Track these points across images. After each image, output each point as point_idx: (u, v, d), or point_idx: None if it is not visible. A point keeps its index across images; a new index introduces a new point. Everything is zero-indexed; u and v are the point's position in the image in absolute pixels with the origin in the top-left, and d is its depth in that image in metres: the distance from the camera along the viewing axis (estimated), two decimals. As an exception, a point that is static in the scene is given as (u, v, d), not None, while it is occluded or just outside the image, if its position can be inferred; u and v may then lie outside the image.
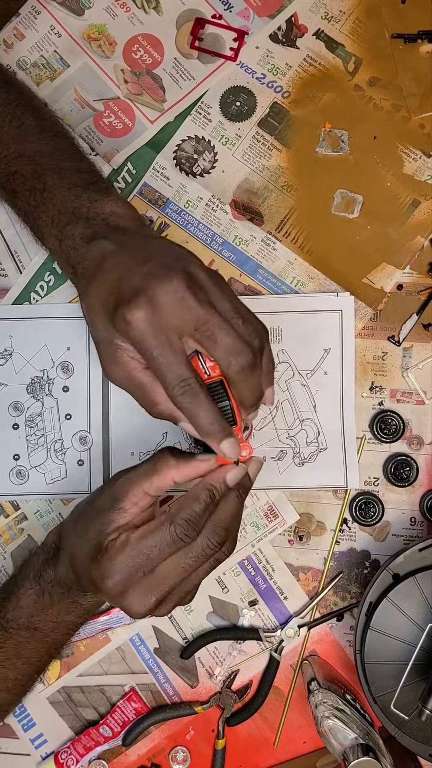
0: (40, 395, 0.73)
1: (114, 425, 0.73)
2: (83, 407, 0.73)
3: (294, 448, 0.73)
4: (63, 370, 0.73)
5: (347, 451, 0.72)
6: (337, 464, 0.72)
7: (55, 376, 0.73)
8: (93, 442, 0.73)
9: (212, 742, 0.73)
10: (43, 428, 0.73)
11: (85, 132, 0.76)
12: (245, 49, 0.76)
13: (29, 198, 0.62)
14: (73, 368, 0.73)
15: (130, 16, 0.77)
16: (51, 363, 0.74)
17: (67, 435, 0.73)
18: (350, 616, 0.73)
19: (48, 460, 0.73)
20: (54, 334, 0.73)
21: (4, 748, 0.73)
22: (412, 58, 0.75)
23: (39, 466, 0.73)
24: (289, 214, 0.75)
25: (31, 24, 0.77)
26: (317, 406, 0.73)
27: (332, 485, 0.72)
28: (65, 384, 0.73)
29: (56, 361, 0.73)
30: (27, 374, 0.74)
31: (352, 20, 0.76)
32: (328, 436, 0.73)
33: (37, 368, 0.74)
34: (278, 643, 0.72)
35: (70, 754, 0.72)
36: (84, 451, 0.73)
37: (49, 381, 0.73)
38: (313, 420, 0.73)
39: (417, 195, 0.75)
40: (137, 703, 0.73)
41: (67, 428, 0.73)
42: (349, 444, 0.72)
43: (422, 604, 0.64)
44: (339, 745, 0.63)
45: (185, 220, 0.75)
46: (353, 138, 0.75)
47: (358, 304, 0.74)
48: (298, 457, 0.73)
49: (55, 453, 0.73)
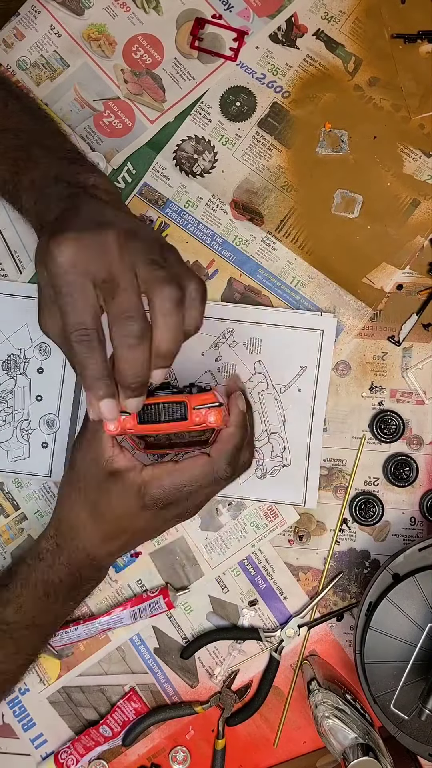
0: (15, 373, 0.74)
1: (83, 412, 0.73)
2: (55, 391, 0.74)
3: (258, 460, 0.73)
4: (40, 351, 0.74)
5: (310, 470, 0.72)
6: (298, 482, 0.72)
7: (32, 356, 0.74)
8: (60, 426, 0.73)
9: (212, 742, 0.73)
10: (12, 406, 0.74)
11: (85, 132, 0.76)
12: (245, 49, 0.76)
13: (12, 166, 0.62)
14: (50, 350, 0.74)
15: (130, 15, 0.77)
16: (29, 342, 0.74)
17: (35, 416, 0.74)
18: (350, 616, 0.73)
19: (13, 438, 0.74)
20: (35, 314, 0.73)
21: (3, 747, 0.73)
22: (412, 58, 0.75)
23: (3, 443, 0.74)
24: (289, 214, 0.75)
25: (30, 24, 0.77)
26: (286, 422, 0.73)
27: (290, 502, 0.72)
28: (40, 365, 0.74)
29: (34, 342, 0.74)
30: (4, 351, 0.74)
31: (351, 20, 0.76)
32: (294, 452, 0.73)
33: (15, 346, 0.74)
34: (278, 643, 0.72)
35: (70, 754, 0.72)
36: (50, 434, 0.73)
37: (25, 360, 0.74)
38: (280, 434, 0.73)
39: (417, 195, 0.75)
40: (137, 703, 0.73)
41: (36, 409, 0.74)
42: (313, 463, 0.72)
43: (422, 604, 0.64)
44: (339, 745, 0.63)
45: (185, 220, 0.75)
46: (353, 138, 0.75)
47: (358, 304, 0.74)
48: (261, 469, 0.73)
49: (21, 432, 0.74)
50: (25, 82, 0.76)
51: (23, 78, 0.76)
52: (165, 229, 0.75)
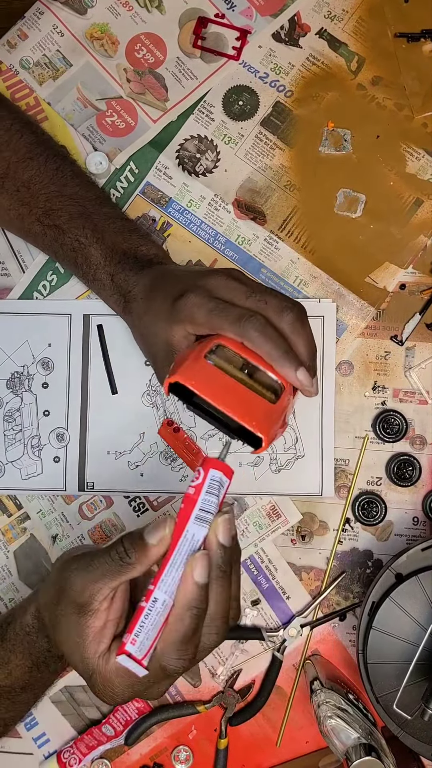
0: (20, 391, 0.74)
1: (92, 424, 0.73)
2: (62, 404, 0.73)
3: (271, 455, 0.72)
4: (43, 367, 0.74)
5: (324, 460, 0.72)
6: (314, 472, 0.72)
7: (35, 371, 0.74)
8: (70, 439, 0.73)
9: (215, 741, 0.73)
10: (20, 424, 0.74)
11: (88, 131, 0.76)
12: (248, 48, 0.76)
13: (80, 235, 0.67)
14: (53, 365, 0.74)
15: (132, 15, 0.77)
16: (32, 359, 0.74)
17: (44, 431, 0.73)
18: (353, 616, 0.73)
19: (24, 456, 0.73)
20: (35, 330, 0.74)
21: (6, 747, 0.73)
22: (415, 57, 0.75)
23: (15, 461, 0.73)
24: (292, 213, 0.75)
25: (34, 23, 0.77)
26: (296, 413, 0.73)
27: (307, 493, 0.72)
28: (45, 380, 0.74)
29: (37, 357, 0.74)
30: (7, 369, 0.74)
31: (355, 19, 0.76)
32: (306, 443, 0.72)
33: (17, 363, 0.74)
34: (281, 643, 0.72)
35: (72, 753, 0.72)
36: (60, 448, 0.73)
37: (29, 377, 0.74)
38: (291, 426, 0.72)
39: (420, 194, 0.74)
40: (140, 703, 0.73)
41: (44, 424, 0.73)
42: (327, 452, 0.72)
43: (425, 604, 0.64)
44: (341, 745, 0.63)
45: (188, 220, 0.75)
46: (356, 137, 0.75)
47: (361, 304, 0.74)
48: (275, 463, 0.72)
49: (31, 449, 0.73)
50: (28, 82, 0.76)
51: (26, 78, 0.76)
52: (168, 229, 0.75)
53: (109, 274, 0.67)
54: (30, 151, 0.69)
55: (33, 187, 0.68)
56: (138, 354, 0.70)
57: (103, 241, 0.67)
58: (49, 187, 0.68)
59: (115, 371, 0.73)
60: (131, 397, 0.73)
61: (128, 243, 0.67)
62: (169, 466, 0.73)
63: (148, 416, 0.73)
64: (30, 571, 0.74)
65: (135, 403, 0.73)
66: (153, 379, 0.73)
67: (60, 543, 0.74)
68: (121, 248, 0.67)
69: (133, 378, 0.73)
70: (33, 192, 0.68)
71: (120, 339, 0.73)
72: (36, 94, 0.76)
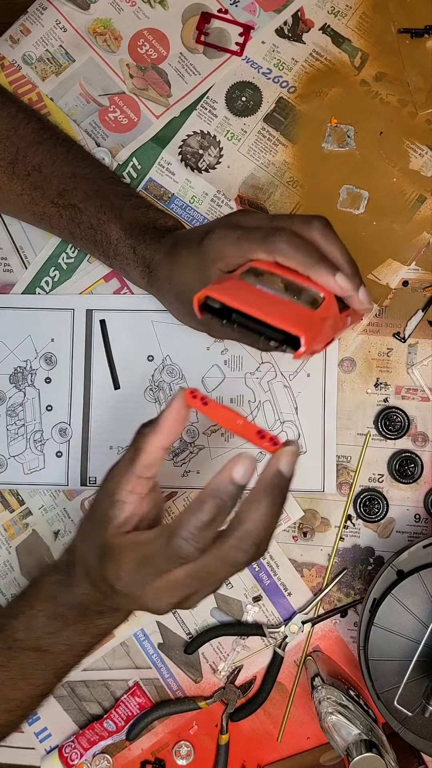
0: (23, 385, 0.74)
1: (94, 418, 0.73)
2: (64, 399, 0.74)
3: None
4: (46, 361, 0.74)
5: (326, 457, 0.72)
6: (316, 468, 0.72)
7: (38, 366, 0.74)
8: (72, 434, 0.73)
9: (216, 737, 0.73)
10: (23, 418, 0.74)
11: (91, 127, 0.76)
12: (251, 43, 0.76)
13: (98, 213, 0.67)
14: (56, 360, 0.74)
15: (135, 10, 0.77)
16: (34, 354, 0.74)
17: (47, 426, 0.74)
18: (354, 613, 0.73)
19: (27, 451, 0.73)
20: (38, 325, 0.74)
21: (8, 741, 0.73)
22: (418, 53, 0.75)
23: (18, 455, 0.74)
24: (295, 209, 0.75)
25: (36, 19, 0.77)
26: (299, 408, 0.73)
27: (309, 490, 0.72)
28: (48, 375, 0.74)
29: (39, 352, 0.74)
30: (10, 364, 0.74)
31: (358, 15, 0.75)
32: (309, 439, 0.72)
33: (20, 358, 0.74)
34: (282, 639, 0.72)
35: (74, 748, 0.72)
36: (63, 443, 0.73)
37: (32, 372, 0.74)
38: (294, 422, 0.72)
39: (423, 191, 0.74)
40: (141, 698, 0.73)
41: (47, 419, 0.74)
42: (329, 449, 0.72)
43: (426, 601, 0.64)
44: (342, 741, 0.63)
45: (190, 216, 0.75)
46: (359, 133, 0.75)
47: (364, 301, 0.74)
48: None
49: (34, 444, 0.74)
50: (30, 77, 0.76)
51: (29, 73, 0.76)
52: (170, 225, 0.75)
53: (131, 247, 0.67)
54: (39, 136, 0.69)
55: (45, 170, 0.68)
56: (141, 349, 0.70)
57: (122, 217, 0.67)
58: (62, 168, 0.68)
59: (117, 366, 0.73)
60: (134, 393, 0.73)
61: (146, 217, 0.68)
62: (172, 461, 0.73)
63: (150, 411, 0.73)
64: (32, 566, 0.74)
65: (138, 399, 0.73)
66: (155, 374, 0.73)
67: (62, 539, 0.74)
68: (140, 222, 0.67)
69: (135, 373, 0.73)
70: (45, 175, 0.68)
71: (123, 334, 0.73)
72: (39, 89, 0.76)
